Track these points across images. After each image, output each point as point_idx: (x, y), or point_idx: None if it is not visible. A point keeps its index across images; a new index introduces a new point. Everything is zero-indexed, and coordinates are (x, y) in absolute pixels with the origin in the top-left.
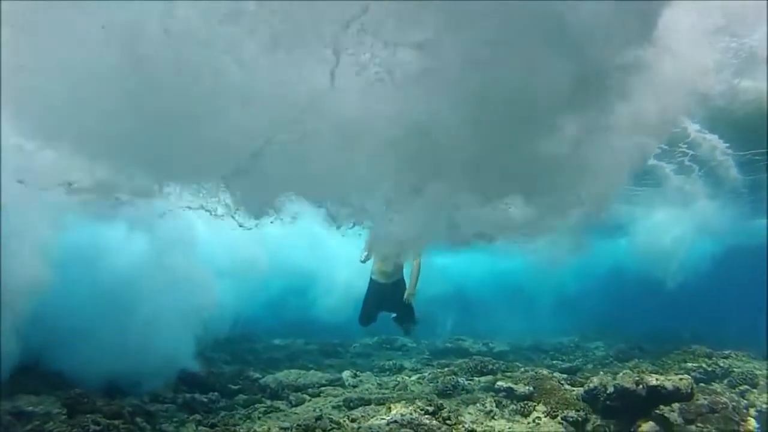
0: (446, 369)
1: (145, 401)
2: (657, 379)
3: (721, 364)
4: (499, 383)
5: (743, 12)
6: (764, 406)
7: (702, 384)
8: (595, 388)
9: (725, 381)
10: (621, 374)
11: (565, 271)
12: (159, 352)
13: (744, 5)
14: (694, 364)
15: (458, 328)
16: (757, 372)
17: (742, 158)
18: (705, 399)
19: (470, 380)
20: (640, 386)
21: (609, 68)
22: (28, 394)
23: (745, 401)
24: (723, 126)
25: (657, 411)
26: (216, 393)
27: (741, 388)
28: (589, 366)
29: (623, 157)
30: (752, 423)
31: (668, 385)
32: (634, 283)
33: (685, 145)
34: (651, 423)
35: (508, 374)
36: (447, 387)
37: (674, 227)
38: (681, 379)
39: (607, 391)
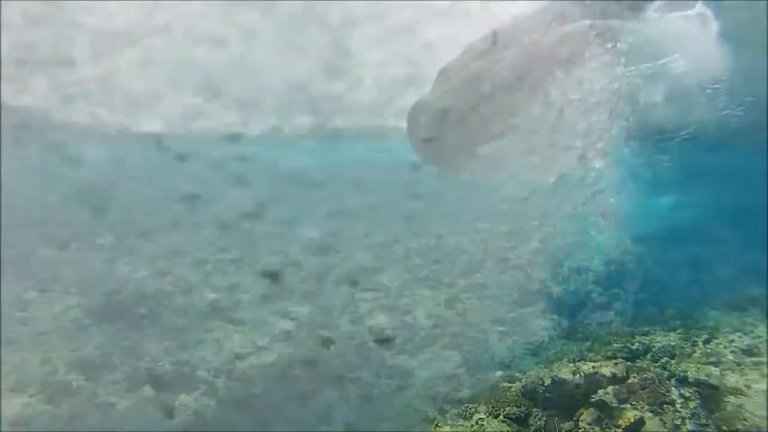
0: None
1: None
2: (593, 367)
3: (643, 341)
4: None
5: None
6: (683, 374)
7: (629, 363)
8: (533, 382)
9: (648, 356)
10: (557, 365)
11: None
12: None
13: None
14: (619, 345)
15: None
16: (673, 343)
17: None
18: (635, 377)
19: None
20: (577, 375)
21: None
22: None
23: (668, 372)
24: None
25: (593, 396)
26: None
27: (662, 360)
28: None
29: None
30: (674, 392)
31: (605, 371)
32: None
33: None
34: (591, 409)
35: None
36: None
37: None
38: (616, 364)
39: (545, 384)
